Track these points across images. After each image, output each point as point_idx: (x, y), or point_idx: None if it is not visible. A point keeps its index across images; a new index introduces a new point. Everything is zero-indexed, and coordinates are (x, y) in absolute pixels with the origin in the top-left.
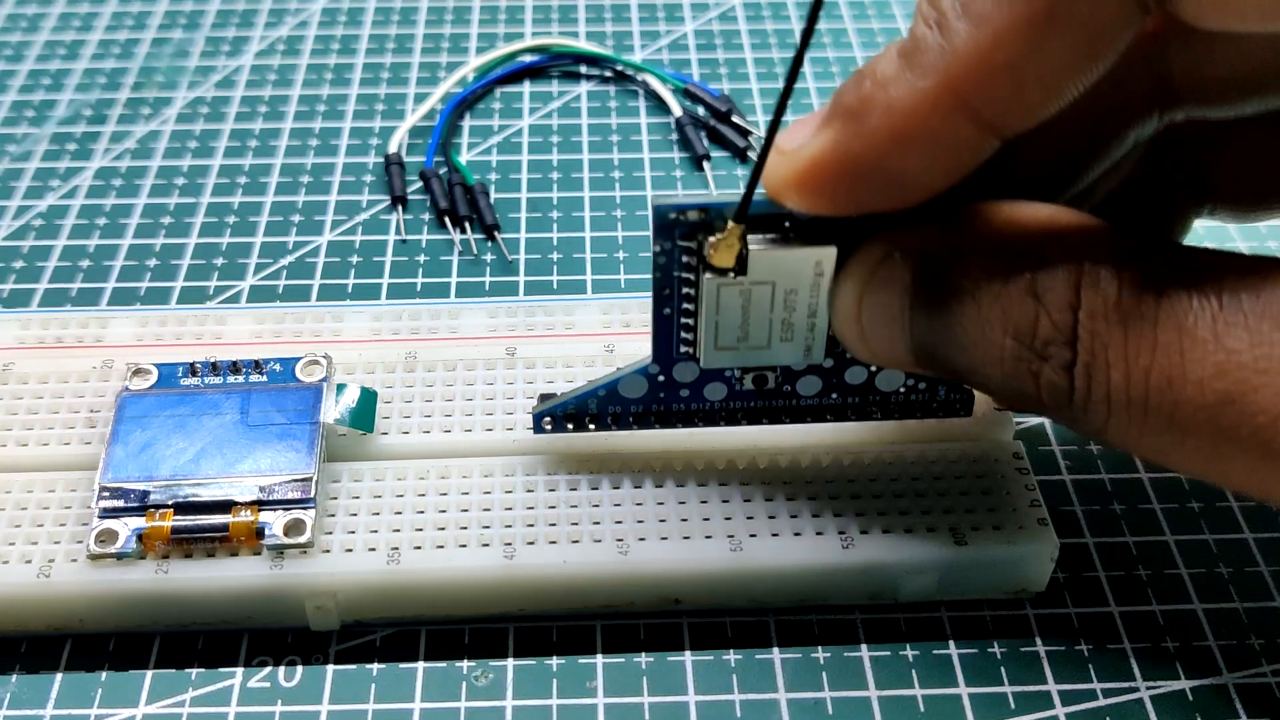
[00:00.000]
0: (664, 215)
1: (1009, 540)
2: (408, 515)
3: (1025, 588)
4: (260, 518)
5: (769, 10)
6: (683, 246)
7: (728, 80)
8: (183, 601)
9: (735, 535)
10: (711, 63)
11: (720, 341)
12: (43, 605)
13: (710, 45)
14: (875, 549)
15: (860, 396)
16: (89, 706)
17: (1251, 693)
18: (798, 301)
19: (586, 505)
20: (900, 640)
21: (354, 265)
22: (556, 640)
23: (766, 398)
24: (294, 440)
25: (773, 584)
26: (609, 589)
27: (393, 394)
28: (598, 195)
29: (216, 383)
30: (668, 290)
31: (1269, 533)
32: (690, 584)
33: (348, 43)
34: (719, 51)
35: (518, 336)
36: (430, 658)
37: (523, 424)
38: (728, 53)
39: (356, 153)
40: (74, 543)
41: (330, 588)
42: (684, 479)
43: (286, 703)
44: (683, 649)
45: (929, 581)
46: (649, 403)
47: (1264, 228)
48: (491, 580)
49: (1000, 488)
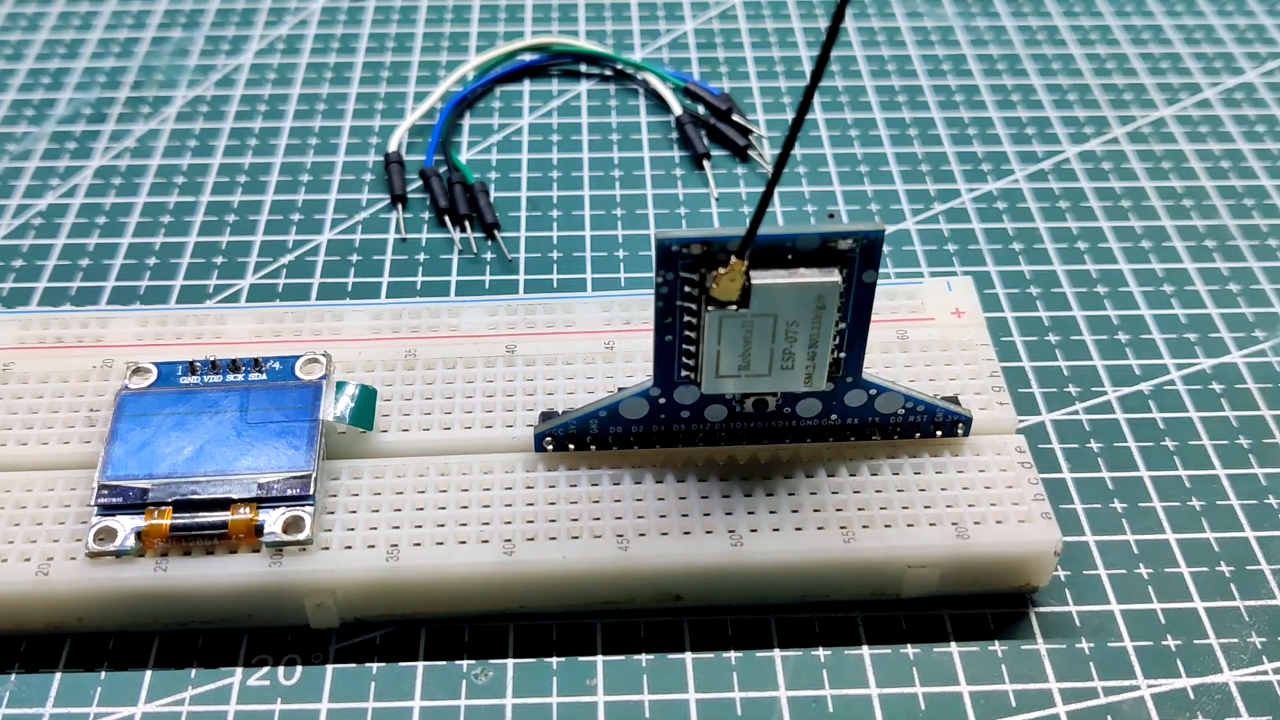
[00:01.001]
0: (667, 247)
1: (1012, 535)
2: (407, 512)
3: (1028, 582)
4: (259, 515)
5: (769, 9)
6: (685, 278)
7: (728, 79)
8: (181, 599)
9: (736, 530)
10: (712, 61)
11: (721, 370)
12: (42, 603)
13: (710, 44)
14: (877, 544)
15: (860, 419)
16: (88, 705)
17: (1253, 691)
18: (799, 332)
19: (586, 501)
20: (901, 639)
21: (353, 264)
22: (557, 639)
23: (767, 419)
24: (293, 438)
25: (774, 580)
26: (609, 585)
27: (392, 392)
28: (598, 194)
29: (216, 381)
30: (669, 319)
31: (1270, 531)
32: (691, 580)
33: (347, 41)
34: (719, 50)
35: (518, 334)
36: (430, 656)
37: (523, 421)
38: (728, 51)
39: (356, 151)
40: (73, 540)
41: (329, 585)
42: (684, 474)
43: (286, 701)
44: (683, 648)
45: (931, 577)
46: (650, 423)
47: (1265, 226)
48: (491, 577)
49: (1003, 482)
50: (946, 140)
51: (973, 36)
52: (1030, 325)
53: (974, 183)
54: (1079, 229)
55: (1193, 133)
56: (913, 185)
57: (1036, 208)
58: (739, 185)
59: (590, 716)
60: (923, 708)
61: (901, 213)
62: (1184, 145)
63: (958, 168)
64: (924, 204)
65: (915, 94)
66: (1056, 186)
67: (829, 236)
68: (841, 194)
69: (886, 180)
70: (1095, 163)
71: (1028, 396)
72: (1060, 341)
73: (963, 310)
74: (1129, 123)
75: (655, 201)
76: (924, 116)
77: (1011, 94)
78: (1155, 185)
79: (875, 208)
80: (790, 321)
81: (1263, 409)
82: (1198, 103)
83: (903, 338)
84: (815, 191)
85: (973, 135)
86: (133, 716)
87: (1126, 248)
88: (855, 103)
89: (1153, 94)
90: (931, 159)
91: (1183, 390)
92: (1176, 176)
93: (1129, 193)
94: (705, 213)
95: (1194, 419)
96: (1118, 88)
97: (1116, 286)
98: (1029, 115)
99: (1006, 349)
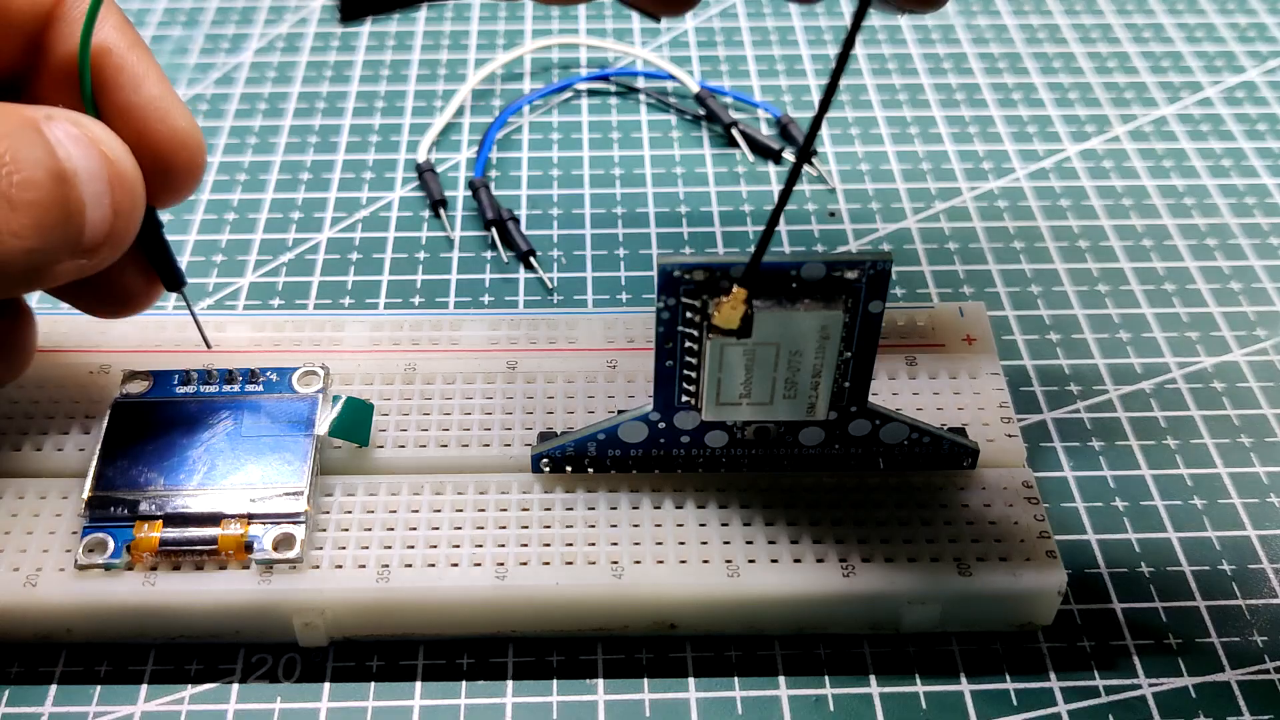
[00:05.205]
0: (669, 272)
1: (1015, 573)
2: (399, 532)
3: (1031, 621)
4: (250, 531)
5: (770, 7)
6: (687, 303)
7: (729, 78)
8: (169, 615)
9: (733, 560)
10: (712, 60)
11: (723, 398)
12: (29, 615)
13: (711, 42)
14: (877, 578)
15: (863, 448)
16: (88, 704)
17: (1254, 690)
18: (802, 362)
19: (581, 525)
20: (901, 639)
21: (353, 263)
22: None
23: (768, 447)
24: (287, 453)
25: (770, 611)
26: (602, 612)
27: (390, 406)
28: (597, 193)
29: (212, 391)
30: (671, 344)
31: (1272, 530)
32: (685, 609)
33: (347, 39)
34: (719, 49)
35: (519, 350)
36: (430, 656)
37: (521, 440)
38: (728, 50)
39: (356, 150)
40: (63, 552)
41: (318, 604)
42: (682, 500)
43: (286, 700)
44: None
45: (932, 613)
46: (649, 448)
47: (1266, 224)
48: (482, 601)
49: (1008, 517)
50: (947, 139)
51: (974, 34)
52: (1031, 323)
53: (975, 181)
54: (1080, 227)
55: (1194, 131)
56: (914, 184)
57: (1038, 206)
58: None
59: (590, 715)
60: (923, 706)
61: (902, 211)
62: (1185, 144)
63: (959, 166)
64: (925, 202)
65: (916, 92)
66: (1058, 185)
67: (835, 265)
68: (842, 192)
69: (887, 179)
70: (1096, 161)
71: (1029, 395)
72: (1061, 340)
73: (975, 337)
74: (1130, 121)
75: (655, 200)
76: (925, 115)
77: (1013, 92)
78: (1157, 184)
79: (876, 206)
80: (793, 351)
81: (1264, 407)
82: (1199, 101)
83: (911, 364)
84: (816, 190)
85: (974, 134)
86: (132, 716)
87: (1128, 246)
88: (856, 101)
89: (1154, 92)
90: (932, 157)
91: (1184, 389)
92: (1178, 175)
93: (1130, 191)
94: (706, 211)
95: (1195, 417)
96: (1119, 86)
97: (1118, 285)
98: (1030, 114)
99: (1008, 347)
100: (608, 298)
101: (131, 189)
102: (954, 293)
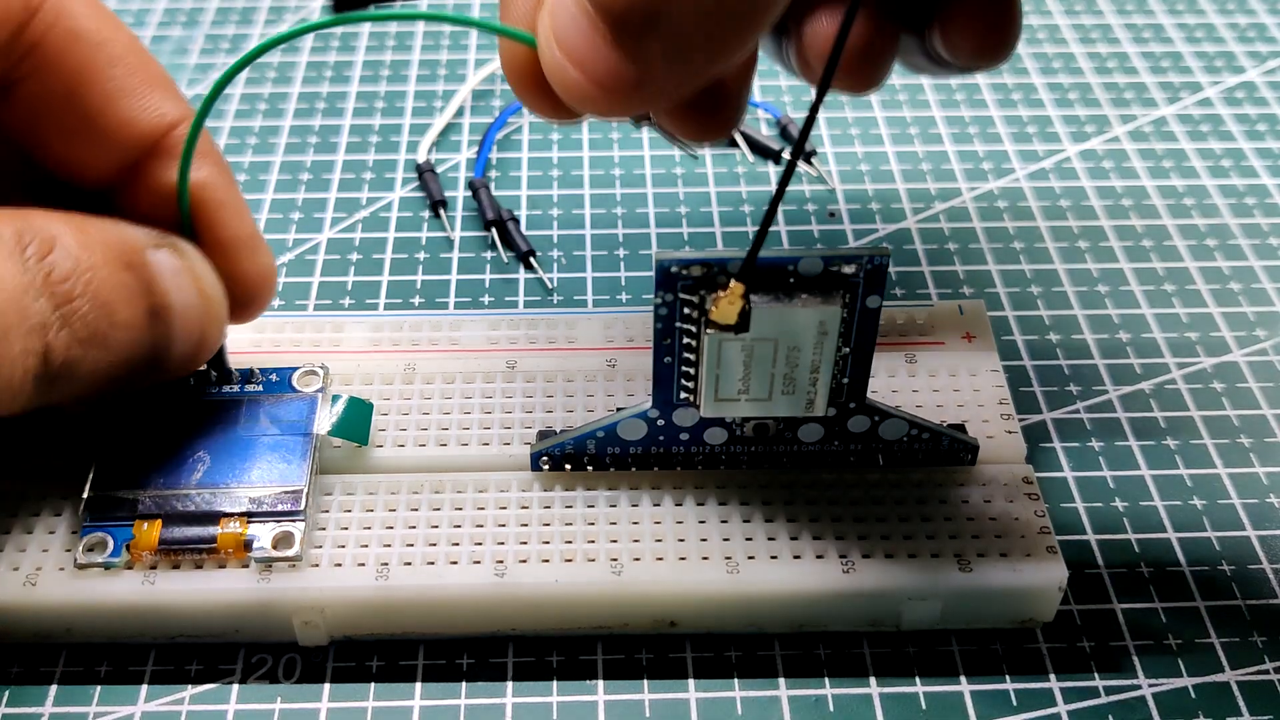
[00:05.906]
0: (666, 268)
1: (1015, 568)
2: (399, 530)
3: (1032, 618)
4: (249, 530)
5: None
6: (684, 299)
7: None
8: (168, 614)
9: (733, 557)
10: None
11: (721, 394)
12: (28, 614)
13: None
14: (877, 574)
15: (863, 445)
16: (88, 704)
17: (1254, 690)
18: (800, 358)
19: (581, 523)
20: (901, 639)
21: (353, 263)
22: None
23: (768, 444)
24: (287, 452)
25: (770, 608)
26: (602, 610)
27: (390, 406)
28: (597, 193)
29: (212, 391)
30: (668, 340)
31: (1272, 530)
32: (685, 606)
33: (347, 39)
34: None
35: (519, 349)
36: (430, 657)
37: (520, 439)
38: None
39: (356, 150)
40: (63, 551)
41: (318, 603)
42: (681, 498)
43: (286, 700)
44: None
45: (932, 610)
46: (648, 445)
47: (1266, 225)
48: (481, 599)
49: (1009, 513)
50: (947, 139)
51: None
52: (1031, 324)
53: (975, 181)
54: (1080, 228)
55: (1194, 131)
56: (913, 184)
57: (1037, 206)
58: (737, 185)
59: (590, 714)
60: (923, 706)
61: (902, 211)
62: (1185, 144)
63: (958, 166)
64: (925, 203)
65: (916, 92)
66: (1057, 185)
67: (832, 260)
68: (842, 193)
69: (887, 179)
70: (1096, 161)
71: (1029, 395)
72: (1061, 340)
73: (974, 335)
74: (1130, 121)
75: (655, 200)
76: (925, 115)
77: (1012, 92)
78: (1156, 184)
79: (876, 206)
80: (791, 347)
81: (1264, 408)
82: (1199, 101)
83: (911, 361)
84: (815, 190)
85: (973, 134)
86: (132, 716)
87: (1127, 246)
88: (855, 101)
89: (1154, 92)
90: (932, 157)
91: (1184, 389)
92: (1178, 175)
93: (1130, 191)
94: (706, 211)
95: (1195, 418)
96: (1119, 86)
97: (1117, 285)
98: (1030, 114)
99: (1008, 347)
100: (607, 298)
101: (219, 324)
102: (954, 293)
